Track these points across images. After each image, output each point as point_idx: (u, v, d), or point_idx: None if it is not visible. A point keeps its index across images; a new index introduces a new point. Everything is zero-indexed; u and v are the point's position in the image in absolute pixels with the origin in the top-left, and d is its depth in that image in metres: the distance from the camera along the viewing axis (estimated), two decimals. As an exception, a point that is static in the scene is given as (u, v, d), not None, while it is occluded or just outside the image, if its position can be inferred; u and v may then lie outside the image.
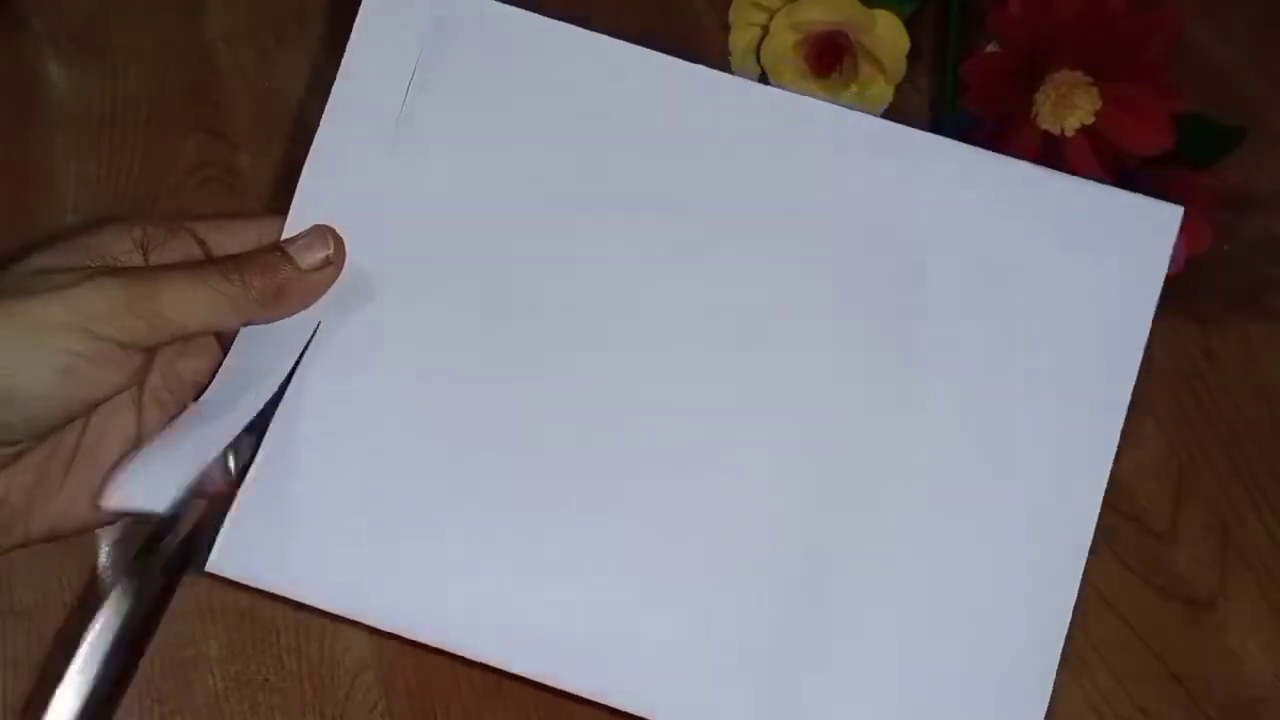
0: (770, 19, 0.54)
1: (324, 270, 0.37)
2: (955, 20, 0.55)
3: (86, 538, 0.46)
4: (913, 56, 0.54)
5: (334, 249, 0.37)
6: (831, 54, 0.54)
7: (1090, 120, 0.49)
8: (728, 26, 0.57)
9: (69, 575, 0.46)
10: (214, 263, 0.36)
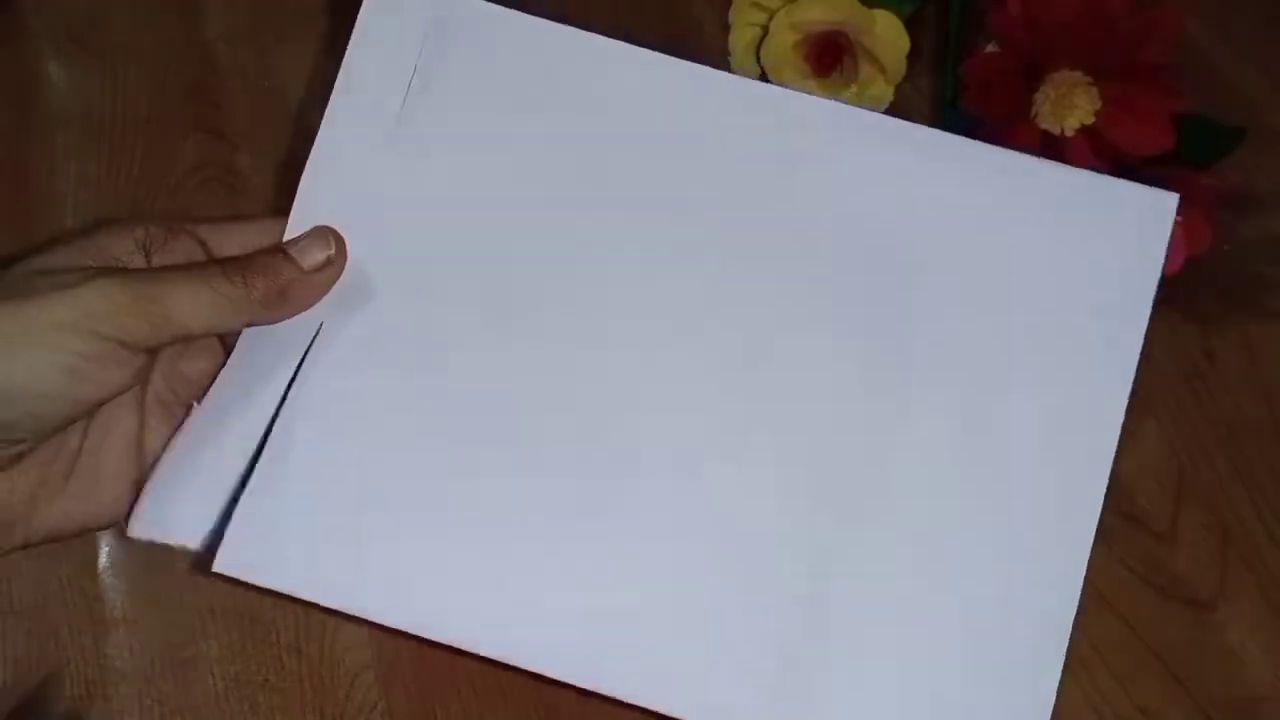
0: (770, 19, 0.54)
1: (326, 270, 0.37)
2: (955, 20, 0.55)
3: (87, 537, 0.46)
4: (913, 56, 0.54)
5: (335, 249, 0.37)
6: (831, 54, 0.54)
7: (1090, 120, 0.49)
8: (728, 26, 0.57)
9: (69, 575, 0.46)
10: (217, 264, 0.36)
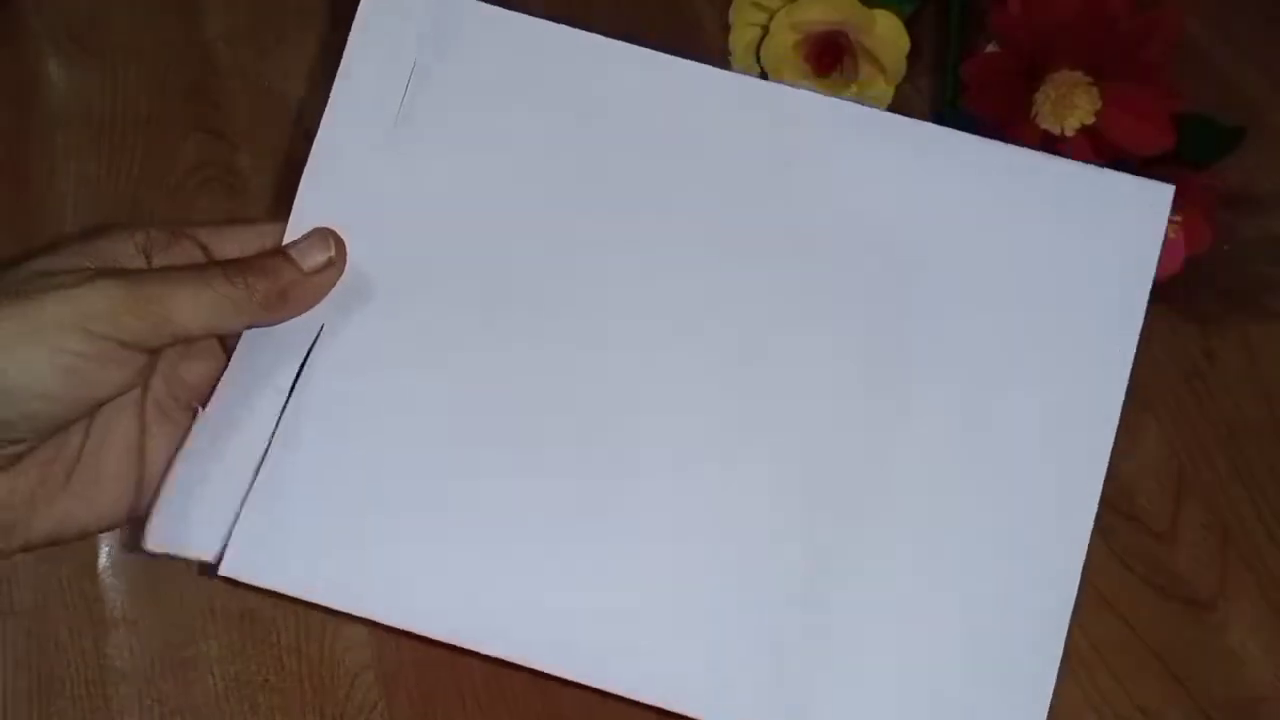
0: (770, 19, 0.54)
1: (326, 272, 0.37)
2: (955, 20, 0.55)
3: (86, 538, 0.46)
4: (913, 56, 0.54)
5: (335, 250, 0.37)
6: (831, 54, 0.54)
7: (1090, 120, 0.49)
8: (728, 26, 0.57)
9: (69, 576, 0.46)
10: (217, 265, 0.36)
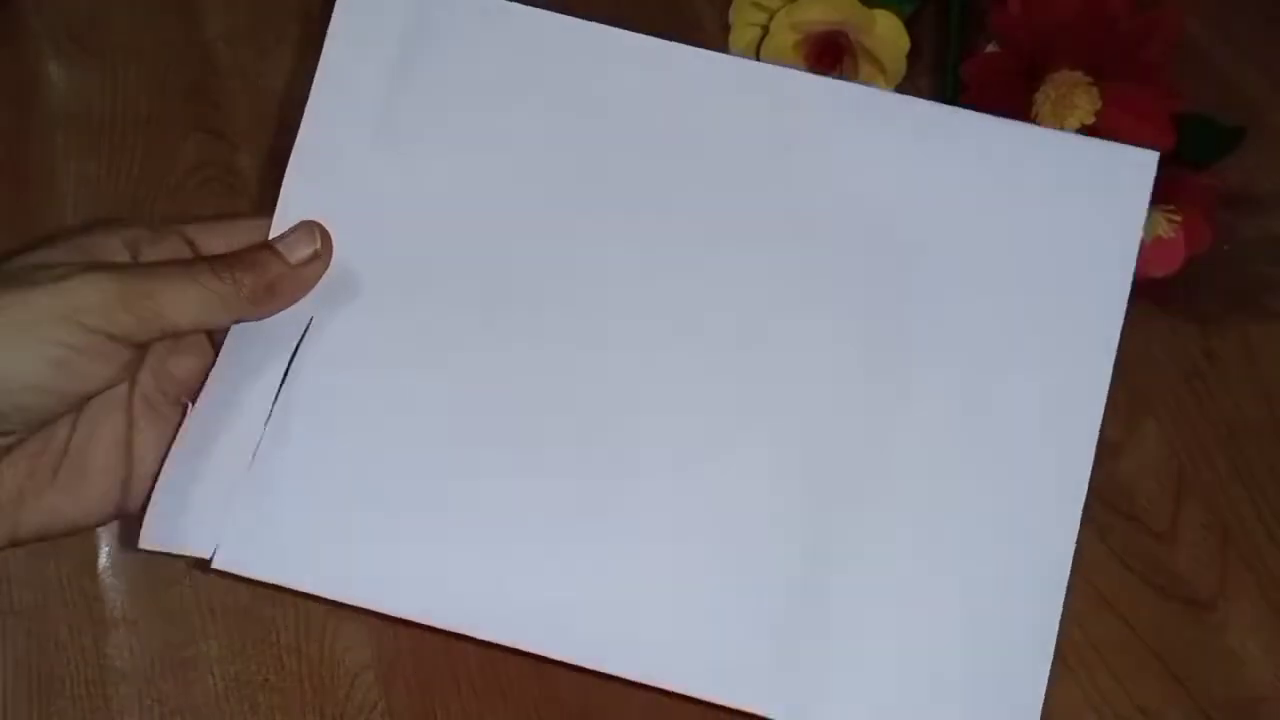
0: (770, 19, 0.54)
1: (312, 265, 0.37)
2: (955, 20, 0.55)
3: (86, 538, 0.47)
4: (913, 56, 0.54)
5: (321, 243, 0.37)
6: (831, 54, 0.54)
7: (1090, 120, 0.49)
8: (728, 26, 0.57)
9: (69, 575, 0.46)
10: (205, 261, 0.36)
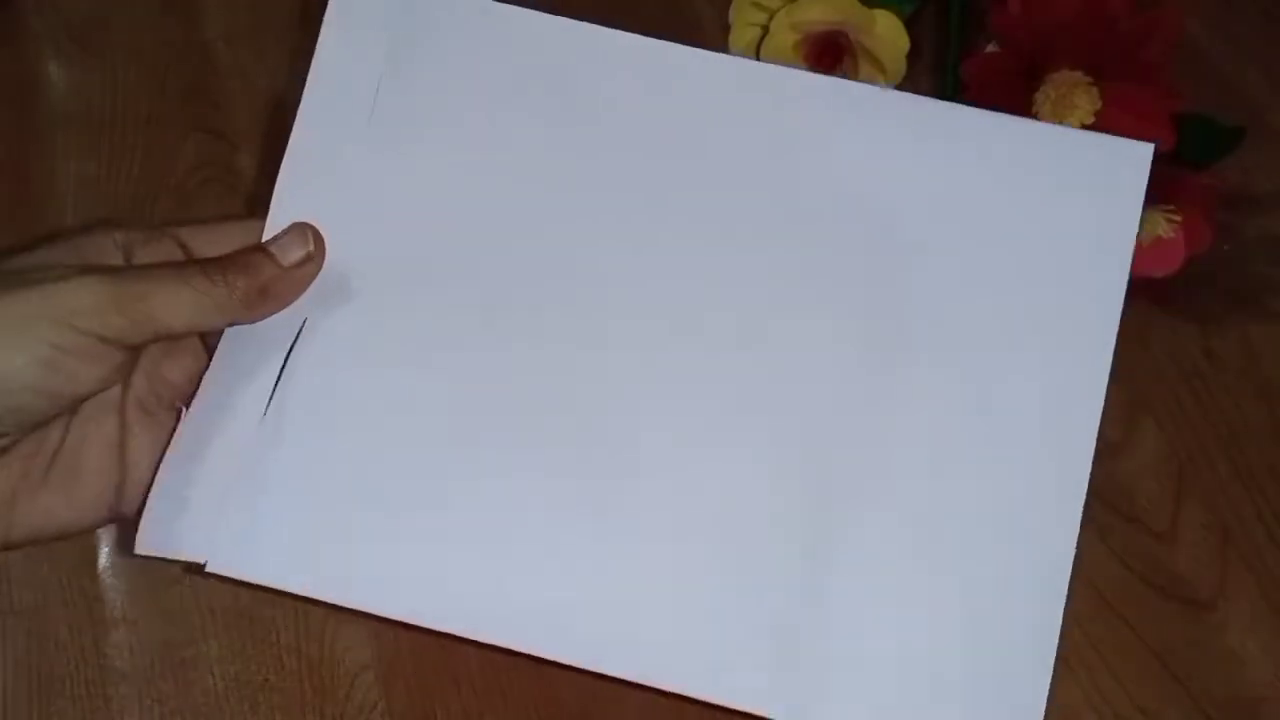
0: (770, 19, 0.54)
1: (305, 266, 0.37)
2: (955, 20, 0.55)
3: (86, 538, 0.47)
4: (913, 56, 0.54)
5: (314, 245, 0.37)
6: (831, 54, 0.54)
7: (1090, 120, 0.49)
8: (728, 26, 0.57)
9: (69, 575, 0.46)
10: (197, 263, 0.36)
